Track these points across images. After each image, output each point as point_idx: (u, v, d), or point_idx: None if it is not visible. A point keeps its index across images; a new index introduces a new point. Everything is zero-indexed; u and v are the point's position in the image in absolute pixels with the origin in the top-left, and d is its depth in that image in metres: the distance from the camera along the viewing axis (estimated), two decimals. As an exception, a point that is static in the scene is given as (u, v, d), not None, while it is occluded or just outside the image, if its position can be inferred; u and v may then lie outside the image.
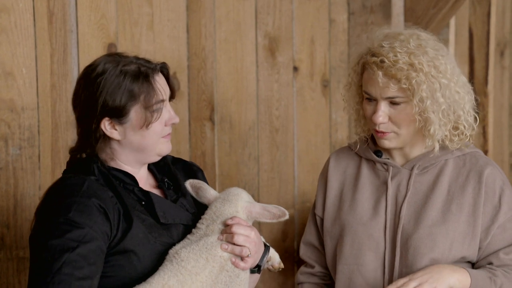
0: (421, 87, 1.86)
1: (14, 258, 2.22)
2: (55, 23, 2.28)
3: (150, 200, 1.80)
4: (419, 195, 1.97)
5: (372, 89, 1.93)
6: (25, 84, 2.23)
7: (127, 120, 1.76)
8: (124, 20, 2.46)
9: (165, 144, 1.83)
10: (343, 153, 2.12)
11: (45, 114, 2.28)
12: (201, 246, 1.77)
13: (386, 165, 2.02)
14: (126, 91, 1.74)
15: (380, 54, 1.90)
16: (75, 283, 1.61)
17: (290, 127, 2.98)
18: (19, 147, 2.23)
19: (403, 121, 1.92)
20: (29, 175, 2.24)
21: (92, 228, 1.67)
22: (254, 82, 2.86)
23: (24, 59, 2.22)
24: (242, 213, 1.86)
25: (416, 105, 1.88)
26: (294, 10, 2.95)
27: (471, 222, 1.94)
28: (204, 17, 2.68)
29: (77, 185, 1.72)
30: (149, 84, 1.76)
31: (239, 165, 2.83)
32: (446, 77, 1.90)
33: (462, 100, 1.92)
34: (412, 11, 2.92)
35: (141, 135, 1.78)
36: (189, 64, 2.66)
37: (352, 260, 1.99)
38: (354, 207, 2.02)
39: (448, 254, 1.93)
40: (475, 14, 3.29)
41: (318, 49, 3.04)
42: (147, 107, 1.75)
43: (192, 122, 2.68)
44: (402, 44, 1.90)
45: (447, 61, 1.92)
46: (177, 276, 1.71)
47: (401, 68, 1.86)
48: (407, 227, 1.95)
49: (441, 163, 1.99)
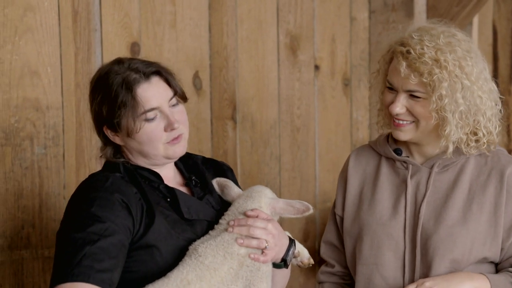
0: (442, 84, 1.84)
1: (39, 258, 2.23)
2: (80, 22, 2.28)
3: (175, 196, 1.82)
4: (439, 194, 1.95)
5: (395, 79, 1.91)
6: (50, 83, 2.23)
7: (119, 129, 1.78)
8: (147, 19, 2.46)
9: (172, 149, 1.81)
10: (363, 152, 2.10)
11: (69, 113, 2.28)
12: (218, 242, 1.77)
13: (406, 164, 2.00)
14: (112, 103, 1.77)
15: (407, 45, 1.88)
16: (94, 275, 1.63)
17: (311, 126, 2.97)
18: (44, 146, 2.23)
19: (421, 116, 1.90)
20: (54, 174, 2.25)
21: (114, 222, 1.69)
22: (276, 81, 2.84)
23: (49, 58, 2.22)
24: (266, 209, 1.86)
25: (434, 102, 1.86)
26: (315, 8, 2.94)
27: (492, 222, 1.91)
28: (226, 16, 2.67)
29: (101, 181, 1.76)
30: (131, 95, 1.76)
31: (260, 164, 2.82)
32: (470, 80, 1.87)
33: (483, 105, 1.89)
34: (434, 8, 2.89)
35: (137, 142, 1.79)
36: (211, 62, 2.65)
37: (372, 260, 1.97)
38: (373, 207, 2.00)
39: (469, 254, 1.90)
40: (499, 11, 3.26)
41: (339, 48, 3.03)
42: (134, 117, 1.76)
43: (214, 121, 2.67)
44: (432, 38, 1.87)
45: (475, 64, 1.88)
46: (196, 271, 1.72)
47: (426, 62, 1.84)
48: (427, 227, 1.93)
49: (462, 161, 1.96)
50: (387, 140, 2.05)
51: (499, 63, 3.27)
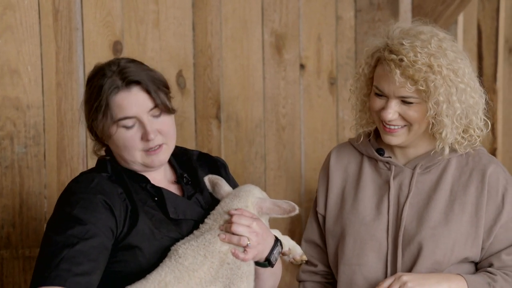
0: (438, 90, 1.83)
1: (20, 257, 2.22)
2: (61, 21, 2.28)
3: (161, 196, 1.81)
4: (422, 195, 1.95)
5: (386, 86, 1.89)
6: (31, 82, 2.22)
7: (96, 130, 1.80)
8: (130, 18, 2.45)
9: (150, 158, 1.81)
10: (344, 149, 2.09)
11: (50, 112, 2.27)
12: (199, 242, 1.77)
13: (388, 164, 1.99)
14: (90, 104, 1.79)
15: (399, 53, 1.85)
16: (71, 279, 1.63)
17: (297, 125, 2.97)
18: (25, 146, 2.22)
19: (414, 120, 1.90)
20: (34, 174, 2.24)
21: (95, 224, 1.69)
22: (261, 80, 2.84)
23: (30, 56, 2.21)
24: (252, 209, 1.86)
25: (431, 108, 1.85)
26: (301, 7, 2.94)
27: (474, 222, 1.91)
28: (210, 15, 2.67)
29: (86, 182, 1.76)
30: (106, 102, 1.76)
31: (245, 163, 2.81)
32: (464, 82, 1.86)
33: (476, 105, 1.90)
34: (420, 8, 2.89)
35: (114, 145, 1.81)
36: (195, 62, 2.64)
37: (354, 260, 1.97)
38: (356, 206, 2.00)
39: (451, 255, 1.90)
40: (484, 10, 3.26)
41: (325, 47, 3.02)
42: (107, 123, 1.77)
43: (198, 120, 2.67)
44: (423, 44, 1.85)
45: (466, 65, 1.88)
46: (174, 273, 1.71)
47: (420, 69, 1.83)
48: (410, 228, 1.93)
49: (444, 162, 1.96)
50: (369, 139, 2.04)
51: (483, 62, 3.26)
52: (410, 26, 1.93)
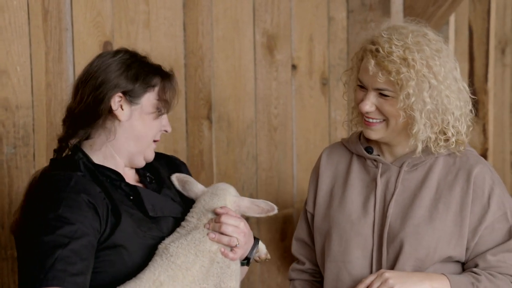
0: (409, 83, 1.85)
1: (9, 258, 2.21)
2: (50, 21, 2.27)
3: (138, 194, 1.81)
4: (407, 192, 1.95)
5: (365, 77, 1.92)
6: (20, 82, 2.22)
7: (138, 102, 1.81)
8: (120, 18, 2.45)
9: (152, 149, 1.88)
10: (336, 149, 2.11)
11: (40, 112, 2.27)
12: (189, 240, 1.77)
13: (376, 162, 2.00)
14: (147, 75, 1.81)
15: (377, 43, 1.89)
16: (69, 279, 1.61)
17: (289, 126, 2.96)
18: (14, 146, 2.21)
19: (390, 114, 1.91)
20: (24, 174, 2.23)
21: (83, 223, 1.67)
22: (252, 81, 2.84)
23: (19, 57, 2.21)
24: (231, 207, 1.86)
25: (402, 101, 1.87)
26: (293, 7, 2.93)
27: (458, 222, 1.91)
28: (201, 15, 2.66)
29: (65, 181, 1.72)
30: (169, 80, 1.85)
31: (237, 164, 2.81)
32: (438, 79, 1.87)
33: (450, 105, 1.89)
34: (411, 8, 2.90)
35: (143, 123, 1.82)
36: (186, 62, 2.64)
37: (340, 258, 1.98)
38: (343, 204, 2.01)
39: (434, 253, 1.90)
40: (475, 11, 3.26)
41: (317, 47, 3.02)
42: (160, 99, 1.82)
43: (189, 121, 2.66)
44: (400, 37, 1.88)
45: (444, 64, 1.88)
46: (168, 272, 1.71)
47: (394, 60, 1.85)
48: (394, 225, 1.93)
49: (431, 161, 1.96)
50: (359, 138, 2.05)
51: (475, 62, 3.27)
52: (402, 24, 1.96)
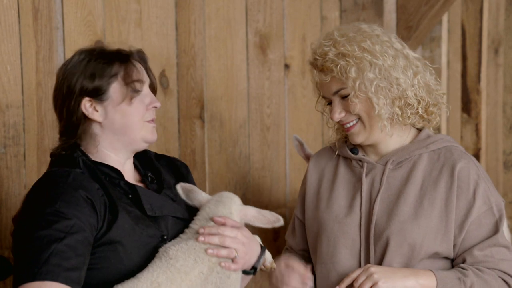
0: (349, 70, 1.90)
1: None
2: (40, 20, 2.26)
3: (136, 193, 1.80)
4: (392, 190, 1.96)
5: (321, 89, 2.00)
6: (10, 81, 2.20)
7: (107, 97, 1.79)
8: (112, 17, 2.44)
9: (150, 130, 1.85)
10: (324, 153, 2.15)
11: (30, 112, 2.25)
12: (189, 245, 1.76)
13: (361, 162, 2.02)
14: (104, 69, 1.79)
15: (313, 54, 1.97)
16: (63, 274, 1.60)
17: (282, 125, 2.96)
18: (4, 146, 2.20)
19: (358, 111, 1.94)
20: (14, 174, 2.22)
21: (80, 219, 1.67)
22: (245, 80, 2.83)
23: (9, 56, 2.19)
24: (236, 216, 1.85)
25: (351, 88, 1.91)
26: (285, 7, 2.93)
27: (443, 217, 1.92)
28: (193, 14, 2.66)
29: (63, 177, 1.72)
30: (128, 62, 1.81)
31: (229, 163, 2.80)
32: (374, 55, 1.91)
33: (397, 73, 1.91)
34: (404, 8, 2.90)
35: (122, 113, 1.80)
36: (178, 61, 2.63)
37: (328, 259, 1.99)
38: (330, 205, 2.02)
39: (420, 249, 1.91)
40: (468, 11, 3.26)
41: (310, 47, 3.00)
42: (127, 84, 1.80)
43: (181, 120, 2.66)
44: (327, 36, 1.96)
45: (376, 41, 1.93)
46: (166, 274, 1.71)
47: (330, 59, 1.91)
48: (380, 223, 1.94)
49: (415, 158, 1.98)
50: (346, 141, 2.08)
51: (467, 62, 3.27)
52: (333, 28, 2.04)
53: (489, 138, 3.38)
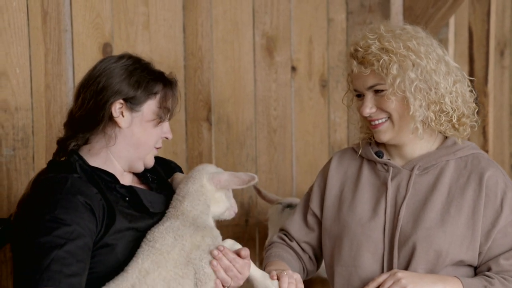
0: (391, 66, 1.87)
1: (8, 261, 2.20)
2: (49, 23, 2.26)
3: (135, 193, 1.81)
4: (419, 196, 1.94)
5: (356, 82, 1.95)
6: (19, 84, 2.21)
7: (139, 109, 1.81)
8: (120, 20, 2.44)
9: (152, 156, 1.88)
10: (347, 154, 2.11)
11: (39, 114, 2.26)
12: (166, 226, 1.76)
13: (387, 166, 1.99)
14: (149, 83, 1.81)
15: (354, 44, 1.93)
16: (64, 280, 1.61)
17: (288, 128, 2.96)
18: (13, 148, 2.21)
19: (391, 109, 1.91)
20: (23, 176, 2.22)
21: (79, 225, 1.67)
22: (252, 82, 2.83)
23: (18, 59, 2.20)
24: (209, 185, 1.84)
25: (390, 85, 1.88)
26: (292, 9, 2.93)
27: (470, 225, 1.90)
28: (200, 17, 2.66)
29: (61, 183, 1.72)
30: (171, 88, 1.85)
31: (236, 166, 2.80)
32: (419, 56, 1.89)
33: (440, 79, 1.90)
34: (411, 10, 2.89)
35: (144, 130, 1.82)
36: (185, 64, 2.63)
37: (350, 262, 1.96)
38: (353, 208, 2.00)
39: (446, 257, 1.89)
40: (475, 13, 3.26)
41: (316, 49, 3.02)
42: (161, 107, 1.82)
43: (188, 122, 2.66)
44: (372, 30, 1.93)
45: (421, 43, 1.91)
46: (150, 257, 1.71)
47: (373, 52, 1.89)
48: (406, 229, 1.92)
49: (442, 164, 1.96)
50: (370, 143, 2.06)
51: (474, 64, 3.26)
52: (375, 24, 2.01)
53: (495, 141, 3.37)
